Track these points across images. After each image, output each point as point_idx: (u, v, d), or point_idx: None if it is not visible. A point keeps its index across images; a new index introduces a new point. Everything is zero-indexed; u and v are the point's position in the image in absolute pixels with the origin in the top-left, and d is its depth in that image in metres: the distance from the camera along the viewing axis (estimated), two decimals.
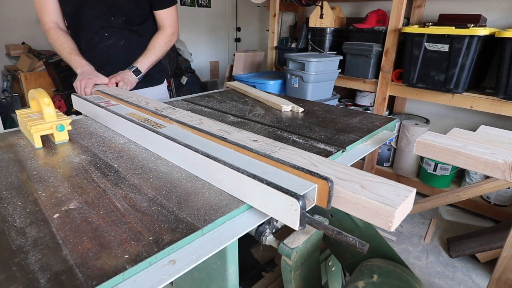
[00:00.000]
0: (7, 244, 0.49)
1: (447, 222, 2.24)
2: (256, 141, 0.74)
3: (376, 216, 0.51)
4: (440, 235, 2.10)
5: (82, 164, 0.75)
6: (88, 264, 0.45)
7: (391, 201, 0.50)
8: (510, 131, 0.80)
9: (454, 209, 2.37)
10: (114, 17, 1.34)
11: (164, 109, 0.95)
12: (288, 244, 0.68)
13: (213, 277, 0.68)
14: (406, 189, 0.54)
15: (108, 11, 1.32)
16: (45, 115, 0.86)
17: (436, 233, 2.12)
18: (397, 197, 0.51)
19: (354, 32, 2.55)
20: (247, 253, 1.03)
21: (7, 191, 0.63)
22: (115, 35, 1.38)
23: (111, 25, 1.35)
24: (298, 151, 0.69)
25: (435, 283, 1.71)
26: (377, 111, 2.49)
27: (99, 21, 1.33)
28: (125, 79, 1.28)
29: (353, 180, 0.57)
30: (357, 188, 0.54)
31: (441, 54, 2.01)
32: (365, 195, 0.52)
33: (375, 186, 0.55)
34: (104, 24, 1.34)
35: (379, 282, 0.79)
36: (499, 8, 2.22)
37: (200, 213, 0.56)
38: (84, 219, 0.55)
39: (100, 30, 1.35)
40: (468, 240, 1.89)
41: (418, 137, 0.74)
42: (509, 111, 1.89)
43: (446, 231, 2.13)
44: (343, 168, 0.62)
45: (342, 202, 0.56)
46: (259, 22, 4.83)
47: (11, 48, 3.11)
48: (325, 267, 1.04)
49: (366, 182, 0.56)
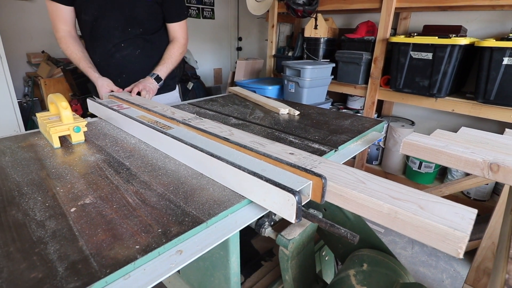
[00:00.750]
0: (28, 235, 0.49)
1: None
2: (292, 154, 0.67)
3: (443, 241, 0.43)
4: None
5: (96, 163, 0.75)
6: (102, 254, 0.45)
7: (459, 225, 0.43)
8: (488, 132, 0.80)
9: None
10: (131, 28, 1.31)
11: (191, 119, 0.90)
12: (285, 235, 0.68)
13: (216, 265, 0.68)
14: (467, 210, 0.47)
15: (125, 23, 1.29)
16: (63, 118, 0.86)
17: None
18: (463, 220, 0.44)
19: (346, 42, 2.54)
20: (248, 244, 1.03)
21: (28, 187, 0.64)
22: (131, 45, 1.34)
23: (128, 37, 1.32)
24: (341, 166, 0.62)
25: (420, 271, 1.71)
26: (366, 114, 2.49)
27: (117, 32, 1.29)
28: (147, 87, 1.25)
29: (410, 200, 0.49)
30: (416, 210, 0.46)
31: (425, 61, 2.01)
32: (428, 217, 0.45)
33: (434, 207, 0.47)
34: (122, 35, 1.30)
35: (369, 270, 0.79)
36: (478, 20, 2.22)
37: (204, 207, 0.56)
38: (99, 212, 0.55)
39: (117, 41, 1.31)
40: None
41: (404, 138, 0.74)
42: (487, 114, 1.90)
43: None
44: (394, 186, 0.54)
45: (400, 223, 0.47)
46: (258, 32, 4.83)
47: (31, 56, 3.11)
48: (319, 256, 1.04)
49: (423, 202, 0.48)
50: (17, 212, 0.55)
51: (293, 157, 0.65)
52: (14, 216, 0.54)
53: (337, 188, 0.55)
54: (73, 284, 0.40)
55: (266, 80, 2.80)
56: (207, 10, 4.44)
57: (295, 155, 0.66)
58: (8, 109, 2.28)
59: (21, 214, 0.54)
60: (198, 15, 4.34)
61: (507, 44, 1.70)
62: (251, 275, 0.90)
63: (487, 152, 0.66)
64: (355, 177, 0.57)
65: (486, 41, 1.77)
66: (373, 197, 0.50)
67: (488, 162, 0.62)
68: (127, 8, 1.26)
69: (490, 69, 1.78)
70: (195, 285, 0.80)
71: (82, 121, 0.89)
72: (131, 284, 0.42)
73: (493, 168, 0.62)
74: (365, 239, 0.87)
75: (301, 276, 0.78)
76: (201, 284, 0.77)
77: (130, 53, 1.35)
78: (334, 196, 0.56)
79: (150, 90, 1.25)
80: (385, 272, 0.78)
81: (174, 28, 1.40)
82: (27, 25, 3.08)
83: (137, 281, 0.42)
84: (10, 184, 0.65)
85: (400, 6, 2.16)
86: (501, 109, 1.84)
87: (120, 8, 1.26)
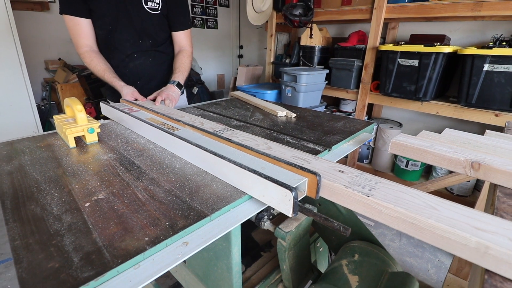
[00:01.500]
0: (45, 228, 0.49)
1: None
2: (342, 172, 0.58)
3: None
4: None
5: (109, 161, 0.75)
6: (114, 245, 0.45)
7: None
8: (470, 133, 0.80)
9: None
10: (142, 40, 1.31)
11: (222, 131, 0.82)
12: (282, 228, 0.68)
13: (219, 256, 0.68)
14: None
15: (137, 35, 1.29)
16: (78, 120, 0.86)
17: None
18: None
19: (339, 50, 2.54)
20: (248, 236, 1.03)
21: (46, 183, 0.64)
22: (143, 55, 1.35)
23: (140, 48, 1.32)
24: (403, 188, 0.52)
25: (407, 261, 1.71)
26: (358, 116, 2.49)
27: (129, 44, 1.30)
28: (170, 96, 1.21)
29: (497, 231, 0.40)
30: (509, 244, 0.37)
31: (412, 68, 2.01)
32: None
33: None
34: (134, 46, 1.31)
35: (360, 261, 0.79)
36: (461, 30, 2.22)
37: (208, 202, 0.56)
38: (111, 207, 0.55)
39: (130, 51, 1.32)
40: None
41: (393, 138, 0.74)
42: (469, 116, 1.90)
43: None
44: (471, 212, 0.44)
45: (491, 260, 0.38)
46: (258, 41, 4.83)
47: (49, 63, 3.11)
48: (314, 248, 1.04)
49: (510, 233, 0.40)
50: (35, 206, 0.55)
51: (345, 175, 0.56)
52: (33, 211, 0.54)
53: (408, 216, 0.45)
54: (88, 273, 0.39)
55: (265, 85, 2.80)
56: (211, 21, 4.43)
57: (345, 173, 0.57)
58: (28, 111, 2.28)
59: (40, 209, 0.54)
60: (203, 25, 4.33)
61: (487, 52, 1.70)
62: (251, 264, 0.89)
63: (469, 152, 0.66)
64: (423, 201, 0.47)
65: (468, 49, 1.77)
66: (455, 228, 0.41)
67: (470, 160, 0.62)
68: (137, 22, 1.26)
69: (472, 75, 1.78)
70: (200, 274, 0.79)
71: (96, 123, 0.88)
72: (141, 273, 0.42)
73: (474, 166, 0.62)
74: (357, 232, 0.87)
75: (298, 265, 0.78)
76: (205, 273, 0.76)
77: (142, 63, 1.36)
78: (404, 224, 0.46)
79: (173, 99, 1.22)
80: (375, 262, 0.78)
81: (180, 36, 1.40)
82: (45, 34, 3.08)
83: (146, 271, 0.42)
84: (29, 181, 0.65)
85: (388, 17, 2.16)
86: (481, 112, 1.84)
87: (131, 22, 1.26)
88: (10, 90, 2.16)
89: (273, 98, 2.50)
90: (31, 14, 2.96)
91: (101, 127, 0.92)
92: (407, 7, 2.04)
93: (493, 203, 0.53)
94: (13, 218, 0.51)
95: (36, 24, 3.00)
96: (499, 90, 1.73)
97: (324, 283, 0.73)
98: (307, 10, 2.45)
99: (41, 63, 3.14)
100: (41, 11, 2.99)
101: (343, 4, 2.41)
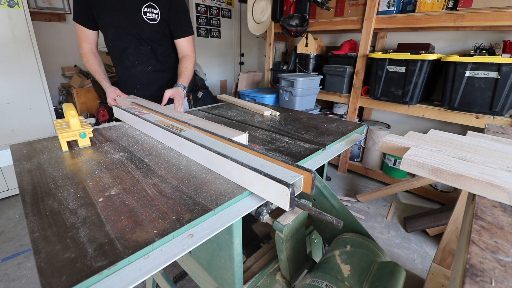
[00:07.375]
0: (62, 221, 0.49)
1: (404, 204, 2.24)
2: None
3: None
4: (398, 214, 2.10)
5: (120, 160, 0.75)
6: (125, 237, 0.45)
7: None
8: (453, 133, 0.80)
9: (409, 194, 2.36)
10: (141, 46, 1.32)
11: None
12: (280, 221, 0.68)
13: (222, 247, 0.68)
14: None
15: (136, 43, 1.31)
16: (71, 125, 0.83)
17: (396, 213, 2.12)
18: None
19: (332, 57, 2.54)
20: (249, 229, 1.03)
21: (62, 180, 0.64)
22: (143, 63, 1.36)
23: (140, 56, 1.34)
24: None
25: (394, 252, 1.71)
26: (349, 118, 2.49)
27: (130, 50, 1.32)
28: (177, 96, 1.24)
29: None
30: None
31: (399, 74, 2.01)
32: None
33: None
34: (134, 52, 1.33)
35: (351, 251, 0.79)
36: (444, 39, 2.22)
37: (212, 198, 0.56)
38: (122, 202, 0.55)
39: (132, 58, 1.34)
40: (420, 218, 1.89)
41: (382, 138, 0.74)
42: (452, 118, 1.90)
43: (403, 212, 2.13)
44: None
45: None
46: (258, 49, 4.83)
47: (65, 70, 3.11)
48: (309, 239, 1.04)
49: None
50: (53, 201, 0.55)
51: None
52: (51, 205, 0.54)
53: None
54: (101, 263, 0.39)
55: (264, 90, 2.80)
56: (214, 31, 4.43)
57: None
58: (46, 114, 2.28)
59: (57, 204, 0.54)
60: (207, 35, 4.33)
61: (468, 60, 1.70)
62: (251, 255, 0.89)
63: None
64: None
65: (451, 57, 1.77)
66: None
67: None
68: (137, 30, 1.28)
69: (454, 81, 1.78)
70: (204, 264, 0.79)
71: (89, 128, 0.85)
72: (150, 263, 0.42)
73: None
74: (349, 225, 0.87)
75: (294, 256, 0.78)
76: (209, 262, 0.76)
77: (143, 69, 1.38)
78: None
79: (180, 98, 1.24)
80: (365, 252, 0.78)
81: (182, 43, 1.39)
82: (62, 43, 3.07)
83: (155, 260, 0.42)
84: (47, 178, 0.65)
85: (378, 27, 2.16)
86: (463, 115, 1.84)
87: (132, 31, 1.27)
88: (30, 95, 2.16)
89: (272, 102, 2.50)
90: (49, 24, 2.96)
91: (113, 128, 0.91)
92: (395, 18, 2.04)
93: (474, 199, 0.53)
94: (32, 212, 0.51)
95: (53, 33, 3.00)
96: (480, 95, 1.73)
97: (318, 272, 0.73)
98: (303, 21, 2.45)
99: (58, 70, 3.14)
100: (58, 22, 2.99)
101: (336, 16, 2.41)
